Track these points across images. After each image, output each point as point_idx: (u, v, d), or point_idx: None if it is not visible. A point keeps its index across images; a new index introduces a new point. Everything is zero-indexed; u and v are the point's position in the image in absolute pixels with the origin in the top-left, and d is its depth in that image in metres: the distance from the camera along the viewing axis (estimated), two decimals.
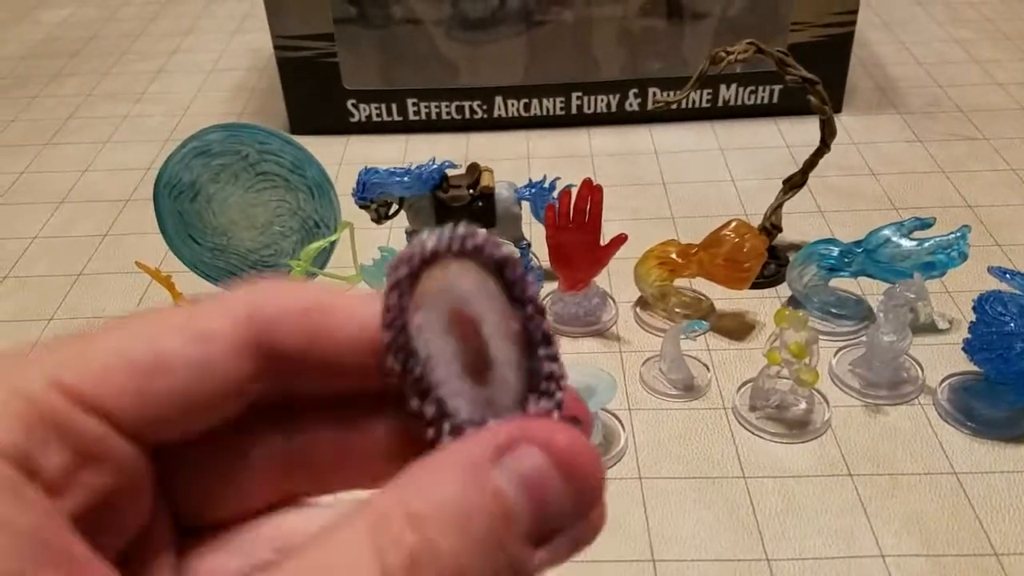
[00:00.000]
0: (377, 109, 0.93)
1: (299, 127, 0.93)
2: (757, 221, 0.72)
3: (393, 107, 0.93)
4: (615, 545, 0.52)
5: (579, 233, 0.64)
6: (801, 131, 0.89)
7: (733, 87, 0.92)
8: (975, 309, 0.58)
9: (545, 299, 0.69)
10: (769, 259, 0.68)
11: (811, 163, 0.71)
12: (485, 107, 0.93)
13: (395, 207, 0.70)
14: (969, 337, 0.58)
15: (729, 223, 0.65)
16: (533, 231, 0.74)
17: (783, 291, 0.71)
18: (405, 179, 0.67)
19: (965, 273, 0.64)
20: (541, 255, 0.71)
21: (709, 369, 0.64)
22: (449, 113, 0.93)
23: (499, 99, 0.92)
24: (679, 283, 0.69)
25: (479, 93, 0.92)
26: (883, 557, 0.51)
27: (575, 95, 0.93)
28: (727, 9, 0.88)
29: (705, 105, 0.93)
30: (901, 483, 0.55)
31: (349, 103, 0.93)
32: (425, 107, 0.93)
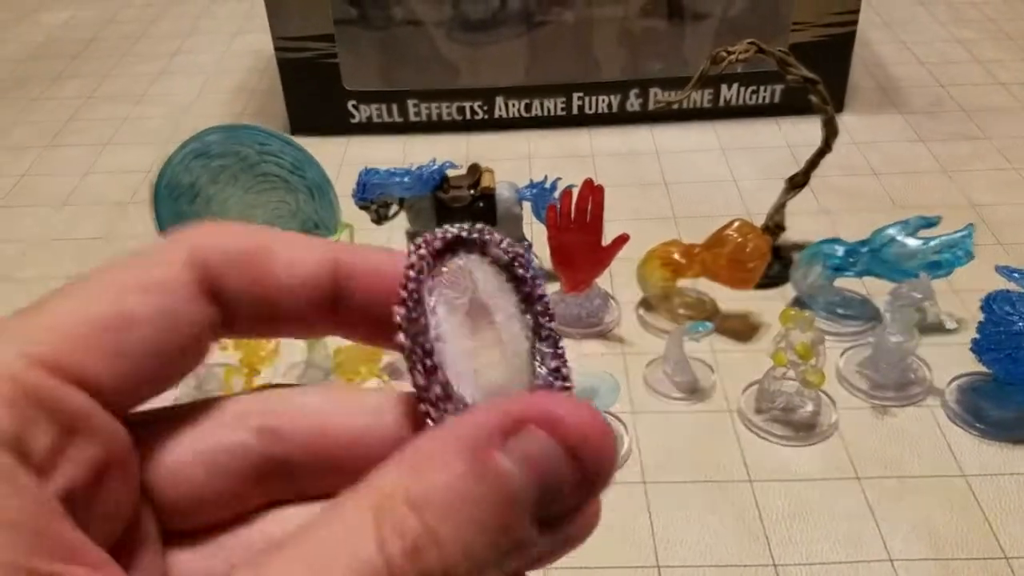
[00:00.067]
0: (378, 110, 0.92)
1: (299, 128, 0.93)
2: (760, 221, 0.72)
3: (394, 108, 0.92)
4: (619, 550, 0.52)
5: (581, 234, 0.64)
6: (803, 131, 0.88)
7: (735, 87, 0.91)
8: (983, 309, 0.57)
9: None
10: (773, 259, 0.68)
11: (813, 163, 0.70)
12: (486, 107, 0.92)
13: (395, 208, 0.69)
14: (977, 337, 0.58)
15: (732, 223, 0.65)
16: (534, 232, 0.74)
17: (788, 291, 0.70)
18: (405, 180, 0.67)
19: (971, 272, 0.64)
20: (542, 256, 0.71)
21: (714, 371, 0.64)
22: (450, 114, 0.93)
23: (500, 99, 0.92)
24: (683, 284, 0.68)
25: (480, 94, 0.92)
26: (891, 561, 0.50)
27: (576, 95, 0.92)
28: (728, 9, 0.88)
29: (707, 105, 0.93)
30: (909, 486, 0.55)
31: (350, 104, 0.92)
32: (426, 108, 0.92)
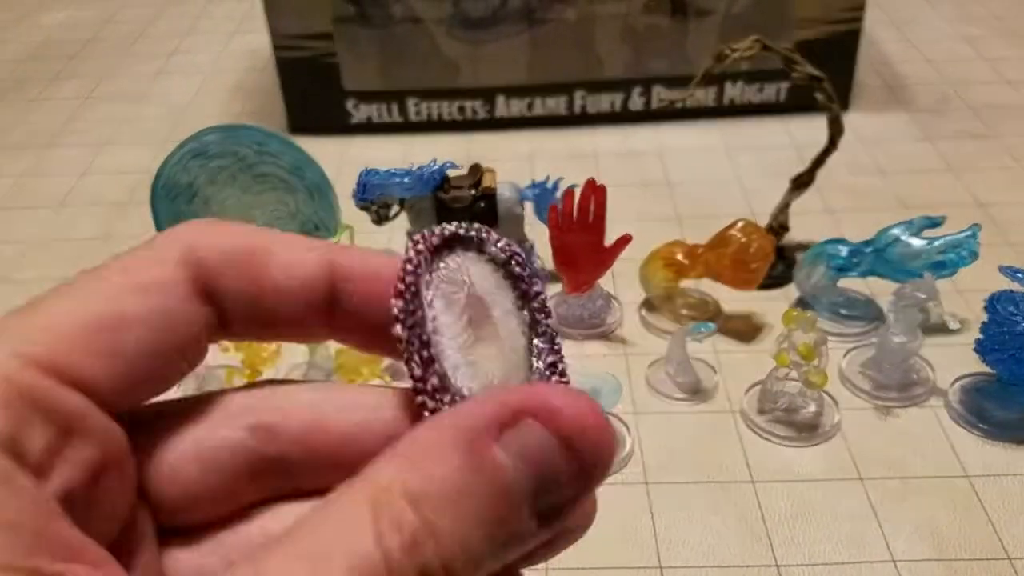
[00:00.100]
0: (377, 109, 0.92)
1: (298, 128, 0.93)
2: (764, 221, 0.72)
3: (394, 107, 0.92)
4: (622, 551, 0.51)
5: (583, 234, 0.63)
6: (808, 129, 0.87)
7: (739, 85, 0.91)
8: (987, 309, 0.57)
9: (549, 301, 0.68)
10: (777, 259, 0.67)
11: (819, 162, 0.70)
12: (487, 107, 0.92)
13: (396, 208, 0.69)
14: (981, 337, 0.57)
15: (736, 223, 0.64)
16: (536, 232, 0.73)
17: (791, 292, 0.70)
18: (406, 180, 0.66)
19: (976, 272, 0.63)
20: (544, 256, 0.71)
21: (716, 372, 0.63)
22: (450, 113, 0.92)
23: (501, 99, 0.92)
24: (685, 284, 0.68)
25: (481, 93, 0.91)
26: (894, 562, 0.50)
27: (578, 94, 0.92)
28: (732, 6, 0.87)
29: (711, 104, 0.92)
30: (912, 487, 0.55)
31: (349, 103, 0.92)
32: (426, 107, 0.92)
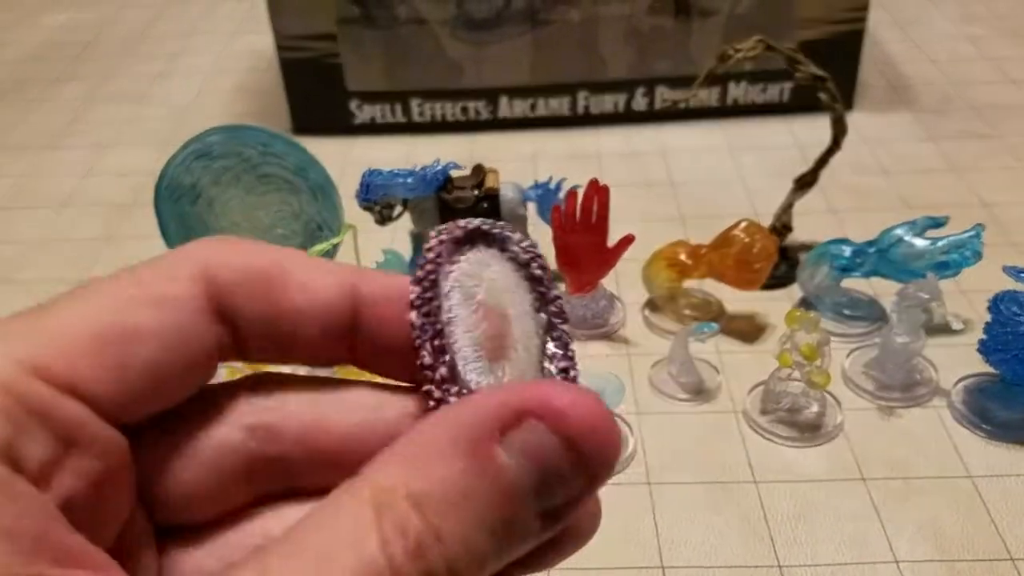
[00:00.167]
0: (381, 110, 0.92)
1: (302, 128, 0.93)
2: (767, 221, 0.71)
3: (397, 108, 0.92)
4: (624, 551, 0.51)
5: (586, 234, 0.63)
6: (812, 129, 0.88)
7: (743, 85, 0.91)
8: (990, 309, 0.57)
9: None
10: (780, 260, 0.67)
11: (822, 162, 0.70)
12: (490, 107, 0.92)
13: (399, 209, 0.69)
14: (984, 338, 0.57)
15: (739, 223, 0.64)
16: (539, 233, 0.73)
17: (794, 292, 0.70)
18: (409, 180, 0.66)
19: (979, 273, 0.63)
20: (548, 257, 0.71)
21: (719, 372, 0.63)
22: (454, 114, 0.92)
23: (504, 99, 0.92)
24: (688, 284, 0.68)
25: (484, 93, 0.91)
26: (897, 563, 0.50)
27: (581, 95, 0.92)
28: (736, 6, 0.87)
29: (714, 104, 0.92)
30: (915, 487, 0.54)
31: (352, 104, 0.92)
32: (429, 108, 0.92)
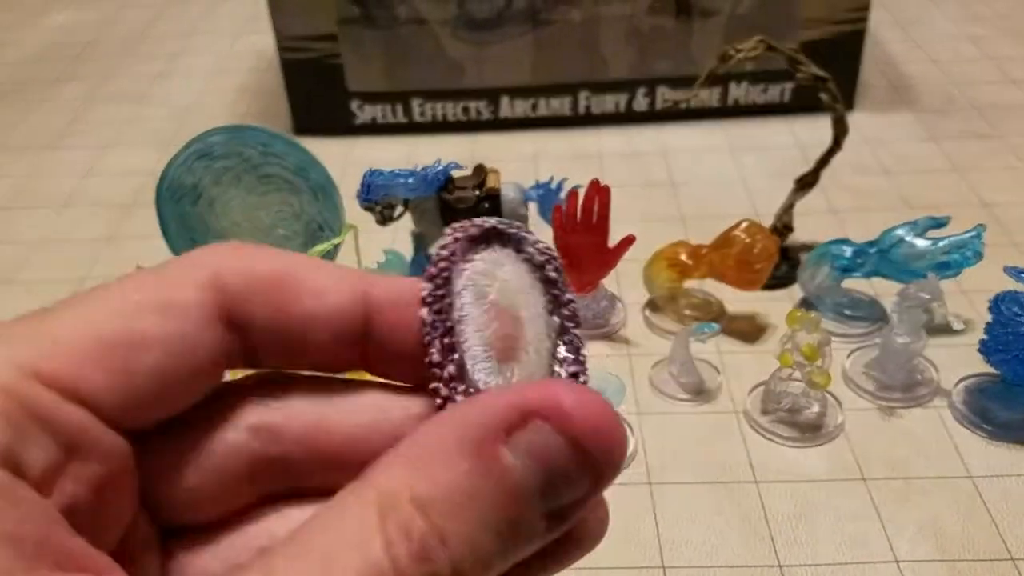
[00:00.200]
0: (382, 110, 0.92)
1: (303, 129, 0.93)
2: (768, 221, 0.72)
3: (398, 108, 0.92)
4: (624, 551, 0.51)
5: (587, 235, 0.63)
6: (813, 130, 0.88)
7: (744, 85, 0.91)
8: (991, 310, 0.57)
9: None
10: (781, 260, 0.67)
11: (823, 162, 0.70)
12: (491, 107, 0.92)
13: (400, 209, 0.69)
14: (985, 338, 0.57)
15: (740, 224, 0.64)
16: (540, 233, 0.73)
17: (795, 292, 0.70)
18: (410, 181, 0.66)
19: (980, 273, 0.63)
20: None
21: (720, 372, 0.63)
22: (455, 114, 0.93)
23: (505, 99, 0.92)
24: (689, 285, 0.68)
25: (485, 93, 0.91)
26: (897, 563, 0.50)
27: (583, 95, 0.92)
28: (737, 6, 0.87)
29: (715, 104, 0.92)
30: (916, 487, 0.54)
31: (353, 104, 0.92)
32: (430, 108, 0.92)
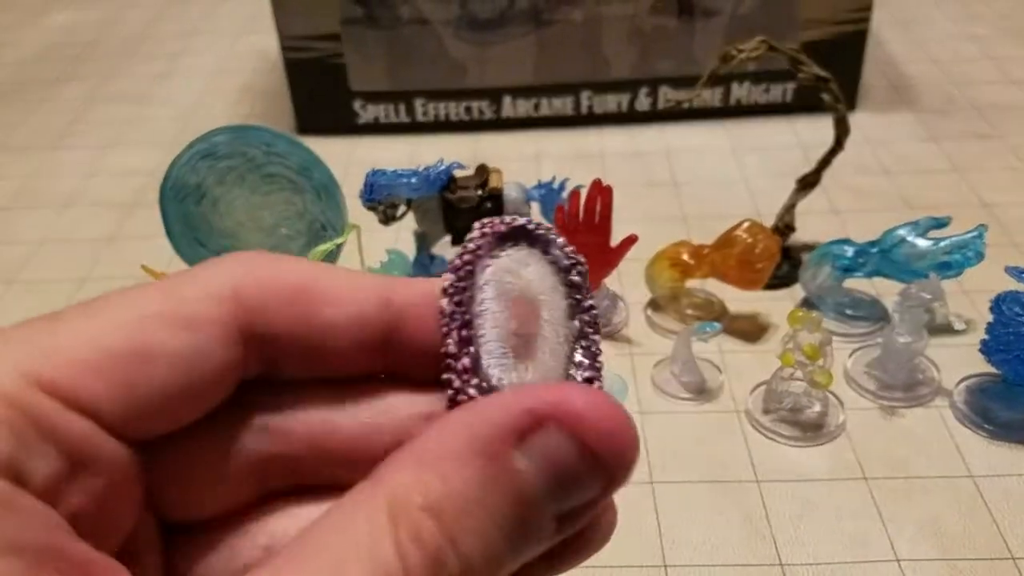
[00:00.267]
0: (385, 110, 0.92)
1: (306, 128, 0.93)
2: (770, 221, 0.72)
3: (401, 108, 0.92)
4: (626, 550, 0.52)
5: (589, 234, 0.63)
6: (815, 130, 0.88)
7: (746, 85, 0.91)
8: (992, 310, 0.57)
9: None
10: (782, 260, 0.68)
11: (825, 162, 0.70)
12: (494, 107, 0.92)
13: (403, 208, 0.69)
14: (986, 338, 0.57)
15: (742, 223, 0.64)
16: None
17: (796, 292, 0.70)
18: (412, 180, 0.67)
19: (981, 273, 0.63)
20: None
21: (721, 371, 0.63)
22: (457, 114, 0.93)
23: (508, 99, 0.92)
24: (691, 284, 0.68)
25: (488, 93, 0.92)
26: (898, 562, 0.50)
27: (585, 95, 0.92)
28: (738, 7, 0.87)
29: (717, 104, 0.93)
30: (917, 487, 0.55)
31: (356, 104, 0.92)
32: (433, 108, 0.92)
